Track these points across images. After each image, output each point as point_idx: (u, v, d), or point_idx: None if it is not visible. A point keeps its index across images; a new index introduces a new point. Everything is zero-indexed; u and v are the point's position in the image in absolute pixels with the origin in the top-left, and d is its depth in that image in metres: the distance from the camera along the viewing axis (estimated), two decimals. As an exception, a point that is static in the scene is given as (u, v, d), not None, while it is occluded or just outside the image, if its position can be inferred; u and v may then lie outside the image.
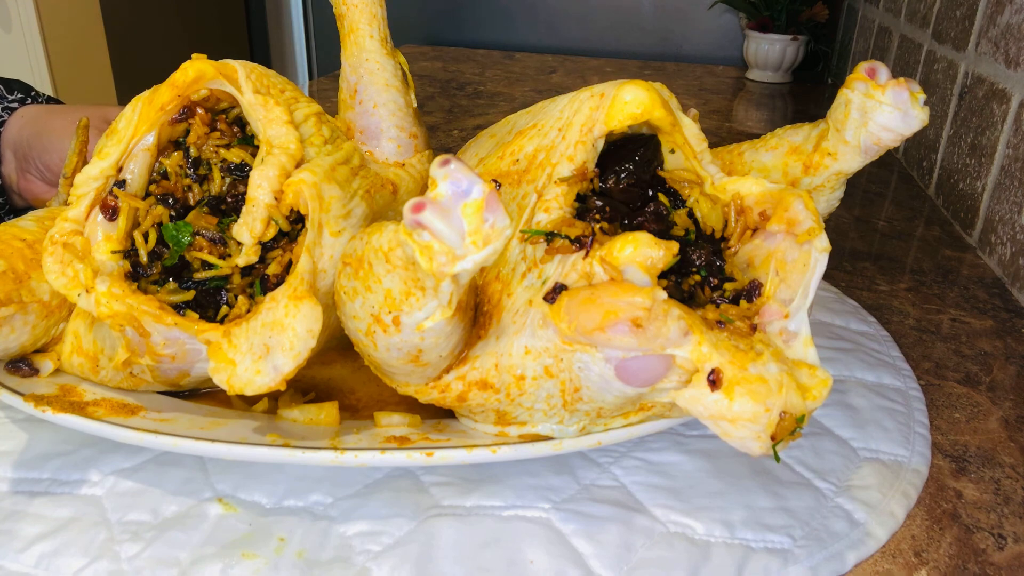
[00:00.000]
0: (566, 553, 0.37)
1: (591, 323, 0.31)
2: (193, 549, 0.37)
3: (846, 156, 0.42)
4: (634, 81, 0.39)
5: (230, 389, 0.37)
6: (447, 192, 0.27)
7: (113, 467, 0.42)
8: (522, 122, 0.46)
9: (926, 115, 0.40)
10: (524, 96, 1.32)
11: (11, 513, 0.39)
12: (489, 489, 0.41)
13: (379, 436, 0.39)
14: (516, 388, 0.37)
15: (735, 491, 0.42)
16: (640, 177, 0.40)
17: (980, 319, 0.62)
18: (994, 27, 0.77)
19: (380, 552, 0.37)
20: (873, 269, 0.71)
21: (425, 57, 1.64)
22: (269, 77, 0.43)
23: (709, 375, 0.32)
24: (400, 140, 0.52)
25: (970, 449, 0.47)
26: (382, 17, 0.52)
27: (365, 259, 0.33)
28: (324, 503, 0.40)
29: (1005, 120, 0.72)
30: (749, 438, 0.33)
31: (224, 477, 0.41)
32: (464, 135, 1.07)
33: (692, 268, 0.38)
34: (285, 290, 0.37)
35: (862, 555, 0.38)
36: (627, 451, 0.44)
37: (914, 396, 0.51)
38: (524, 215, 0.39)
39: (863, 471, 0.44)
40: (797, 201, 0.36)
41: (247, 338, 0.37)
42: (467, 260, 0.28)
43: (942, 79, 0.90)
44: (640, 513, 0.40)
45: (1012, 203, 0.69)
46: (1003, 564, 0.39)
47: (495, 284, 0.39)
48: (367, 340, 0.35)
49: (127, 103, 0.42)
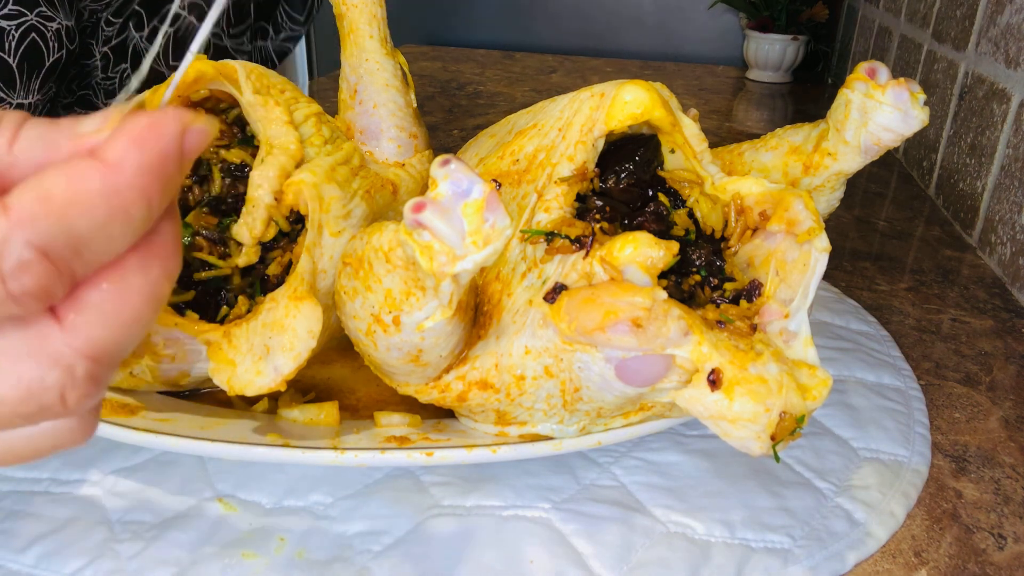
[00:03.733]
0: (566, 553, 0.37)
1: (591, 323, 0.31)
2: (193, 549, 0.37)
3: (846, 156, 0.42)
4: (634, 81, 0.39)
5: (230, 390, 0.37)
6: (447, 192, 0.27)
7: (113, 467, 0.42)
8: (522, 122, 0.46)
9: (926, 115, 0.40)
10: (524, 96, 1.32)
11: (11, 513, 0.39)
12: (489, 489, 0.41)
13: (379, 436, 0.39)
14: (516, 388, 0.37)
15: (735, 491, 0.42)
16: (640, 177, 0.40)
17: (980, 319, 0.62)
18: (994, 27, 0.77)
19: (380, 552, 0.37)
20: (873, 269, 0.71)
21: (425, 57, 1.64)
22: (269, 77, 0.43)
23: (709, 375, 0.32)
24: (400, 140, 0.52)
25: (970, 449, 0.47)
26: (382, 17, 0.52)
27: (365, 259, 0.33)
28: (324, 503, 0.40)
29: (1005, 120, 0.72)
30: (749, 438, 0.33)
31: (224, 477, 0.41)
32: (464, 135, 1.07)
33: (692, 268, 0.38)
34: (285, 290, 0.37)
35: (862, 555, 0.38)
36: (627, 451, 0.44)
37: (914, 396, 0.51)
38: (524, 215, 0.39)
39: (863, 471, 0.44)
40: (797, 201, 0.36)
41: (247, 338, 0.37)
42: (467, 260, 0.28)
43: (942, 79, 0.90)
44: (640, 513, 0.40)
45: (1012, 203, 0.69)
46: (1003, 564, 0.39)
47: (495, 284, 0.39)
48: (367, 340, 0.35)
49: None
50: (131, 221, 0.19)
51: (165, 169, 0.19)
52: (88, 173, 0.18)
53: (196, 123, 0.20)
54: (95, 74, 0.66)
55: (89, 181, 0.18)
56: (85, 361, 0.20)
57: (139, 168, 0.19)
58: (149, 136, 0.19)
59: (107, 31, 0.65)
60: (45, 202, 0.18)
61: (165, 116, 0.19)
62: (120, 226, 0.19)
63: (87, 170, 0.18)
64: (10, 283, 0.18)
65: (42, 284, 0.18)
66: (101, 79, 0.67)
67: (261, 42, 0.81)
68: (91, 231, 0.18)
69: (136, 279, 0.20)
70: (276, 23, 0.82)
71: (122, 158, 0.19)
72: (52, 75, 0.58)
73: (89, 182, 0.18)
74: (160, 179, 0.19)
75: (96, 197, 0.18)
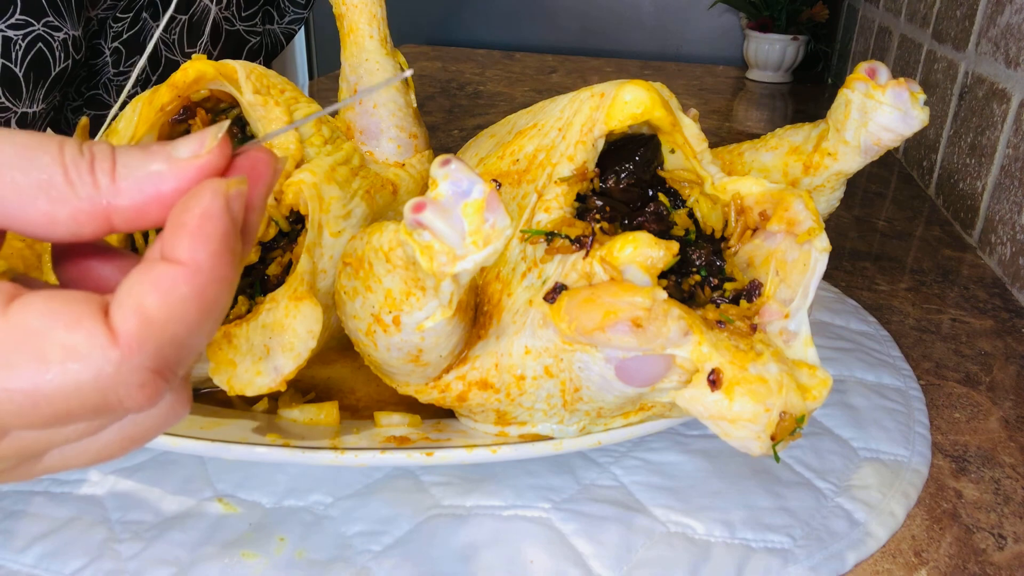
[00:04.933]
0: (566, 553, 0.37)
1: (591, 323, 0.31)
2: (193, 549, 0.37)
3: (846, 156, 0.42)
4: (634, 81, 0.39)
5: (230, 390, 0.37)
6: (447, 192, 0.27)
7: (113, 467, 0.42)
8: (522, 122, 0.46)
9: (926, 115, 0.40)
10: (524, 96, 1.32)
11: (11, 513, 0.39)
12: (489, 489, 0.41)
13: (379, 436, 0.39)
14: (516, 388, 0.37)
15: (735, 491, 0.42)
16: (640, 177, 0.40)
17: (980, 319, 0.62)
18: (994, 27, 0.77)
19: (380, 552, 0.37)
20: (873, 269, 0.71)
21: (425, 57, 1.64)
22: (269, 77, 0.43)
23: (709, 375, 0.32)
24: (400, 140, 0.52)
25: (970, 449, 0.47)
26: (382, 17, 0.52)
27: (365, 259, 0.33)
28: (324, 503, 0.40)
29: (1005, 120, 0.72)
30: (749, 438, 0.33)
31: (224, 477, 0.41)
32: (464, 135, 1.07)
33: (692, 268, 0.38)
34: (285, 291, 0.37)
35: (862, 555, 0.38)
36: (627, 451, 0.44)
37: (914, 396, 0.51)
38: (524, 215, 0.39)
39: (863, 471, 0.44)
40: (797, 201, 0.36)
41: (247, 339, 0.37)
42: (467, 260, 0.28)
43: (942, 79, 0.90)
44: (640, 513, 0.40)
45: (1012, 203, 0.69)
46: (1003, 564, 0.39)
47: (495, 284, 0.39)
48: (367, 340, 0.35)
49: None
50: (223, 309, 0.20)
51: (231, 245, 0.20)
52: (176, 282, 0.19)
53: (231, 188, 0.20)
54: (105, 72, 0.67)
55: (178, 289, 0.19)
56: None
57: (212, 258, 0.19)
58: (206, 225, 0.19)
59: (116, 27, 0.65)
60: (148, 325, 0.19)
61: (207, 198, 0.20)
62: (215, 321, 0.20)
63: (173, 279, 0.19)
64: (127, 401, 0.19)
65: (157, 392, 0.19)
66: (113, 75, 0.67)
67: (268, 26, 0.83)
68: (190, 334, 0.20)
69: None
70: (279, 7, 0.84)
71: (194, 257, 0.19)
72: (58, 84, 0.58)
73: (179, 290, 0.19)
74: (231, 258, 0.20)
75: (188, 303, 0.19)
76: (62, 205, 0.20)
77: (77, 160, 0.20)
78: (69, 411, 0.19)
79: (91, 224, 0.20)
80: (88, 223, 0.20)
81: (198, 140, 0.21)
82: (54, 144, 0.20)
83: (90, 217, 0.20)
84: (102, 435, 0.21)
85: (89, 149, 0.20)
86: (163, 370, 0.19)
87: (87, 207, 0.20)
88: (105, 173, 0.20)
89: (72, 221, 0.20)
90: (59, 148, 0.20)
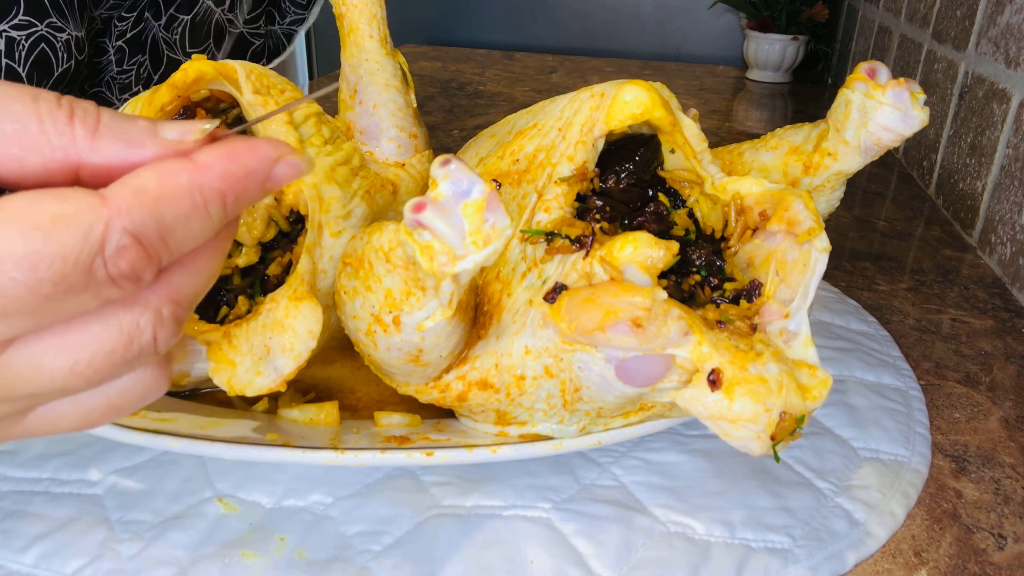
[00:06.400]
0: (566, 553, 0.37)
1: (591, 323, 0.31)
2: (193, 549, 0.37)
3: (846, 156, 0.42)
4: (634, 81, 0.39)
5: (230, 390, 0.37)
6: (447, 192, 0.27)
7: (113, 467, 0.42)
8: (522, 122, 0.46)
9: (926, 115, 0.40)
10: (524, 96, 1.32)
11: (11, 513, 0.39)
12: (489, 489, 0.41)
13: (379, 436, 0.39)
14: (516, 388, 0.37)
15: (735, 491, 0.42)
16: (640, 177, 0.40)
17: (980, 319, 0.62)
18: (994, 27, 0.77)
19: (380, 552, 0.37)
20: (873, 269, 0.71)
21: (425, 57, 1.64)
22: (269, 77, 0.43)
23: (709, 375, 0.32)
24: (400, 140, 0.52)
25: (970, 449, 0.47)
26: (382, 17, 0.52)
27: (365, 259, 0.33)
28: (324, 503, 0.40)
29: (1005, 120, 0.72)
30: (749, 438, 0.33)
31: (224, 477, 0.41)
32: (464, 135, 1.07)
33: (692, 268, 0.38)
34: (285, 291, 0.37)
35: (862, 555, 0.38)
36: (627, 451, 0.44)
37: (914, 396, 0.51)
38: (524, 215, 0.39)
39: (863, 471, 0.44)
40: (797, 201, 0.36)
41: (247, 339, 0.37)
42: (468, 260, 0.28)
43: (942, 79, 0.90)
44: (640, 513, 0.40)
45: (1012, 203, 0.69)
46: (1003, 564, 0.39)
47: (495, 284, 0.39)
48: (367, 340, 0.35)
49: (127, 103, 0.42)
50: (208, 218, 0.21)
51: (247, 183, 0.22)
52: (177, 171, 0.21)
53: (293, 157, 0.22)
54: (109, 69, 0.67)
55: (177, 177, 0.21)
56: (170, 304, 0.22)
57: (223, 174, 0.21)
58: (243, 152, 0.21)
59: (120, 26, 0.65)
60: (139, 194, 0.20)
61: (265, 141, 0.22)
62: (199, 221, 0.21)
63: (177, 168, 0.21)
64: (110, 266, 0.20)
65: (136, 268, 0.20)
66: (116, 73, 0.67)
67: (270, 27, 0.83)
68: (176, 222, 0.21)
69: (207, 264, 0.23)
70: (280, 8, 0.84)
71: (210, 163, 0.21)
72: (60, 85, 0.58)
73: (177, 178, 0.21)
74: (239, 189, 0.22)
75: (182, 191, 0.21)
76: (35, 153, 0.20)
77: (54, 111, 0.21)
78: (64, 274, 0.19)
79: (60, 174, 0.21)
80: (58, 172, 0.21)
81: (187, 127, 0.22)
82: (28, 94, 0.21)
83: (61, 166, 0.21)
84: (85, 398, 0.22)
85: (69, 103, 0.21)
86: (146, 244, 0.20)
87: (60, 156, 0.21)
88: (86, 127, 0.21)
89: (42, 169, 0.21)
90: (33, 99, 0.21)
